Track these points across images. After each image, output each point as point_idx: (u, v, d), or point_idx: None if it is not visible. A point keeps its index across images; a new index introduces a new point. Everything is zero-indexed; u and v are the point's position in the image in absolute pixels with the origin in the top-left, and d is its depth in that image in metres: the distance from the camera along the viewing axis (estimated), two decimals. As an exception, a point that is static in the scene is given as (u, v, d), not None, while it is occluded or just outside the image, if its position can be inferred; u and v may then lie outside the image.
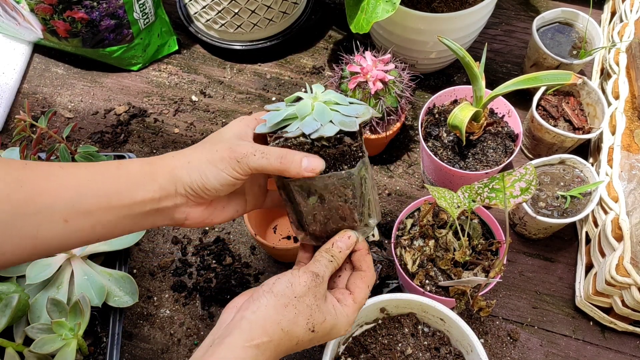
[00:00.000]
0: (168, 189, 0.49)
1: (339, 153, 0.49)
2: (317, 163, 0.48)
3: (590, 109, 0.85)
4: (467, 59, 0.70)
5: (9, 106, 0.98)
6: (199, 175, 0.49)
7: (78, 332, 0.66)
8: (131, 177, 0.48)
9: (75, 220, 0.45)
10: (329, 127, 0.49)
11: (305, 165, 0.48)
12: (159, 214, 0.50)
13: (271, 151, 0.49)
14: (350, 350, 0.67)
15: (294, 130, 0.49)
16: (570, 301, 0.79)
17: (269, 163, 0.48)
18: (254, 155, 0.48)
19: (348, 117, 0.50)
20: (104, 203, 0.46)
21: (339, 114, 0.50)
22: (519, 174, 0.62)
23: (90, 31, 0.93)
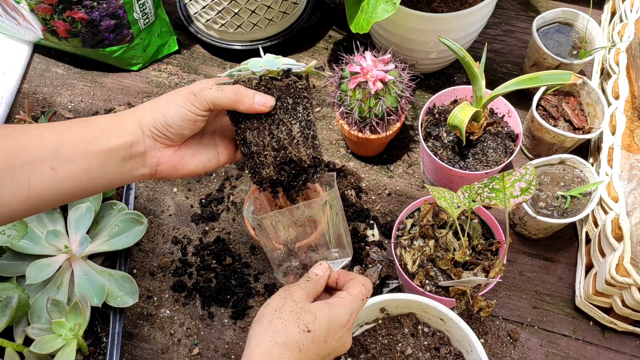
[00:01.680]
0: (136, 133, 0.53)
1: (284, 86, 0.56)
2: (268, 98, 0.54)
3: (590, 109, 0.85)
4: (467, 59, 0.70)
5: (9, 106, 0.98)
6: (161, 114, 0.53)
7: (78, 332, 0.66)
8: (102, 126, 0.53)
9: (61, 168, 0.50)
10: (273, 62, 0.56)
11: (258, 100, 0.54)
12: (133, 161, 0.54)
13: (226, 86, 0.54)
14: (350, 351, 0.67)
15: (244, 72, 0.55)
16: (570, 301, 0.79)
17: (224, 95, 0.53)
18: (210, 89, 0.53)
19: (295, 65, 0.57)
20: (82, 149, 0.51)
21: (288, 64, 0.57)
22: (519, 174, 0.62)
23: (90, 31, 0.93)
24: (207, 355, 0.76)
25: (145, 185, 0.90)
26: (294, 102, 0.56)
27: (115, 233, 0.76)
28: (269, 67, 0.55)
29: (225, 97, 0.53)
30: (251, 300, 0.80)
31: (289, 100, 0.56)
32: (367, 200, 0.88)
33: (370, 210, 0.87)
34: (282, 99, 0.56)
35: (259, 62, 0.56)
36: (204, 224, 0.86)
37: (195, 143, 0.58)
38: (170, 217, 0.87)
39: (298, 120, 0.57)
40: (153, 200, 0.89)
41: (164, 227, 0.86)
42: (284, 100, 0.56)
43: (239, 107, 0.54)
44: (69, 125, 0.52)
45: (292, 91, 0.56)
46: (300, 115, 0.57)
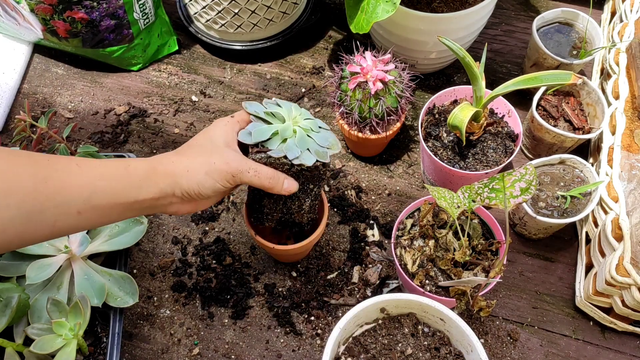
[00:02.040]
0: (167, 192, 0.56)
1: (310, 176, 0.63)
2: (294, 186, 0.61)
3: (590, 109, 0.85)
4: (467, 59, 0.70)
5: (9, 106, 0.98)
6: (197, 185, 0.56)
7: (78, 332, 0.66)
8: (136, 179, 0.54)
9: (86, 213, 0.52)
10: (308, 155, 0.60)
11: (286, 187, 0.60)
12: (154, 209, 0.57)
13: (262, 171, 0.58)
14: (350, 350, 0.67)
15: (276, 150, 0.59)
16: (570, 301, 0.79)
17: (260, 182, 0.58)
18: (248, 173, 0.57)
19: (322, 148, 0.62)
20: (112, 200, 0.53)
21: (314, 142, 0.62)
22: (519, 174, 0.62)
23: (90, 31, 0.93)
24: (207, 355, 0.76)
25: (145, 185, 0.90)
26: (313, 186, 0.64)
27: (115, 233, 0.76)
28: (305, 162, 0.60)
29: (259, 183, 0.58)
30: (251, 300, 0.80)
31: (310, 186, 0.64)
32: (367, 200, 0.88)
33: (370, 210, 0.87)
34: (305, 185, 0.63)
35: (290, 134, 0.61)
36: (204, 224, 0.86)
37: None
38: (170, 217, 0.87)
39: (310, 198, 0.65)
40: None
41: (164, 227, 0.86)
42: (306, 186, 0.64)
43: (268, 191, 0.60)
44: (105, 169, 0.53)
45: (316, 179, 0.64)
46: (314, 193, 0.65)
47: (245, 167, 0.57)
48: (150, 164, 0.56)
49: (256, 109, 0.62)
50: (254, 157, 0.59)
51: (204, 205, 0.61)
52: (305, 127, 0.62)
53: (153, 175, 0.55)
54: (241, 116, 0.62)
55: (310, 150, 0.61)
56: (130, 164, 0.55)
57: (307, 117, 0.64)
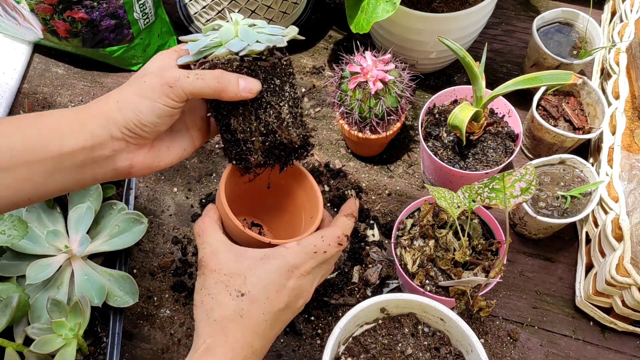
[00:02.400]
0: (101, 135, 0.46)
1: (270, 66, 0.50)
2: (254, 83, 0.48)
3: (590, 109, 0.85)
4: (467, 59, 0.70)
5: (9, 106, 0.98)
6: (132, 112, 0.45)
7: (78, 332, 0.66)
8: (54, 127, 0.44)
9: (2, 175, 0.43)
10: (258, 44, 0.49)
11: (243, 85, 0.47)
12: (97, 165, 0.47)
13: (205, 72, 0.47)
14: (350, 350, 0.67)
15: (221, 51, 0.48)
16: (571, 301, 0.79)
17: (206, 84, 0.46)
18: (188, 78, 0.46)
19: (274, 36, 0.51)
20: (24, 157, 0.43)
21: (264, 34, 0.51)
22: (519, 174, 0.62)
23: (90, 31, 0.93)
24: (207, 355, 0.76)
25: (145, 185, 0.90)
26: (281, 82, 0.51)
27: (115, 233, 0.76)
28: (252, 47, 0.49)
29: (207, 87, 0.46)
30: (251, 300, 0.80)
31: (276, 81, 0.51)
32: (367, 200, 0.88)
33: (370, 210, 0.87)
34: (269, 81, 0.50)
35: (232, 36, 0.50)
36: (204, 224, 0.86)
37: (168, 135, 0.52)
38: (170, 217, 0.87)
39: (286, 101, 0.52)
40: (153, 200, 0.89)
41: (164, 227, 0.86)
42: (271, 82, 0.51)
43: (223, 96, 0.48)
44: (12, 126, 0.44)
45: (279, 70, 0.51)
46: (288, 94, 0.52)
47: (184, 73, 0.46)
48: (73, 109, 0.47)
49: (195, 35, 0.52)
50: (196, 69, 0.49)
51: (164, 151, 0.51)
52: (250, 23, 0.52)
53: (77, 118, 0.45)
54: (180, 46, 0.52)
55: (260, 41, 0.50)
56: (43, 113, 0.46)
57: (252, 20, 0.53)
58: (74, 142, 0.44)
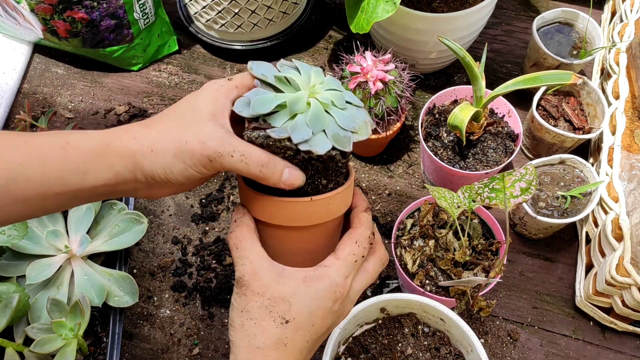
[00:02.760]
0: (126, 176, 0.43)
1: (323, 168, 0.44)
2: (297, 179, 0.42)
3: (590, 109, 0.85)
4: (468, 59, 0.70)
5: (9, 106, 0.98)
6: (162, 169, 0.42)
7: (78, 332, 0.66)
8: (79, 161, 0.41)
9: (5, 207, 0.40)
10: (321, 140, 0.43)
11: (286, 178, 0.42)
12: (116, 194, 0.45)
13: (252, 155, 0.41)
14: (350, 350, 0.67)
15: (280, 128, 0.42)
16: (571, 301, 0.79)
17: (248, 170, 0.41)
18: (232, 157, 0.41)
19: (343, 132, 0.44)
20: (41, 190, 0.40)
21: (334, 122, 0.44)
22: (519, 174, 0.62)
23: (90, 31, 0.93)
24: (207, 355, 0.76)
25: (145, 185, 0.90)
26: (327, 182, 0.45)
27: (115, 233, 0.76)
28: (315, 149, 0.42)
29: (247, 172, 0.42)
30: (251, 300, 0.80)
31: (322, 181, 0.45)
32: (367, 200, 0.88)
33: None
34: (315, 179, 0.45)
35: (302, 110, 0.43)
36: (204, 224, 0.86)
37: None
38: (170, 217, 0.87)
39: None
40: (153, 200, 0.89)
41: (164, 227, 0.86)
42: (316, 180, 0.45)
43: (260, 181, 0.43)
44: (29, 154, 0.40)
45: (330, 172, 0.45)
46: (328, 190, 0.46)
47: (229, 148, 0.41)
48: (103, 139, 0.42)
49: (265, 71, 0.45)
50: (249, 134, 0.43)
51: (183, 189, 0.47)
52: (324, 100, 0.45)
53: (105, 154, 0.42)
54: (242, 80, 0.45)
55: (326, 132, 0.43)
56: (71, 140, 0.41)
57: (332, 87, 0.47)
58: (97, 180, 0.42)
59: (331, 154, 0.43)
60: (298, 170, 0.43)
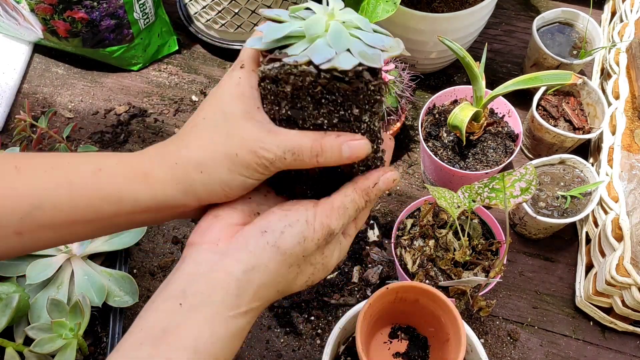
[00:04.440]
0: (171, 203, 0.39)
1: (352, 91, 0.38)
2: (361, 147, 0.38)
3: (590, 109, 0.85)
4: (468, 59, 0.70)
5: (9, 106, 0.98)
6: (219, 185, 0.38)
7: (78, 332, 0.66)
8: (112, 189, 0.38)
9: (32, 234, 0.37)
10: (346, 56, 0.37)
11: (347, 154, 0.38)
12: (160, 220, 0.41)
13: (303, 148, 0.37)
14: (350, 350, 0.67)
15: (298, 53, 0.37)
16: (571, 301, 0.79)
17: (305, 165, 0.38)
18: (285, 159, 0.38)
19: (371, 48, 0.38)
20: (70, 217, 0.38)
21: (360, 41, 0.38)
22: (519, 174, 0.62)
23: (90, 31, 0.93)
24: (207, 355, 0.76)
25: (145, 185, 0.90)
26: (359, 111, 0.39)
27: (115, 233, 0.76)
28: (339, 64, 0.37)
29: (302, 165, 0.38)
30: (251, 300, 0.80)
31: (354, 110, 0.39)
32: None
33: (370, 210, 0.87)
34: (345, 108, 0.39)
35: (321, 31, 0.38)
36: (204, 224, 0.86)
37: None
38: (170, 217, 0.87)
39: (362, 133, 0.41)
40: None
41: (164, 227, 0.86)
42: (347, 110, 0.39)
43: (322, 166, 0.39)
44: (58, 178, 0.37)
45: (362, 97, 0.39)
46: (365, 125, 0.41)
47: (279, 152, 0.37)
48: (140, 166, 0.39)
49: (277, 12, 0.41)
50: (262, 69, 0.39)
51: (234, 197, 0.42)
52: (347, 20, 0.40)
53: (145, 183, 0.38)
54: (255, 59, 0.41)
55: (351, 51, 0.38)
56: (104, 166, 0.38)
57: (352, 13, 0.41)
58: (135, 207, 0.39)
59: (358, 70, 0.37)
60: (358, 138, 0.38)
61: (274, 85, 0.38)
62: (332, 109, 0.38)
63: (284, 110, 0.39)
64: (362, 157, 0.39)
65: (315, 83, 0.37)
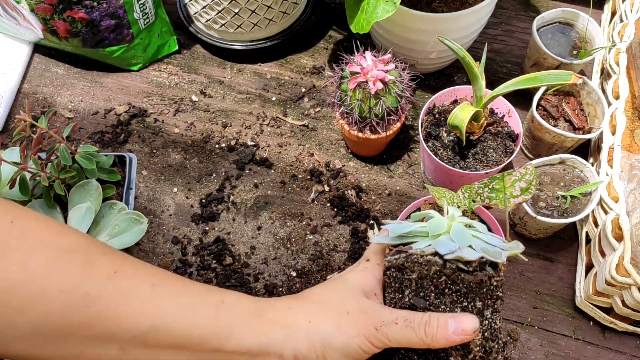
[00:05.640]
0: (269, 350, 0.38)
1: (475, 283, 0.39)
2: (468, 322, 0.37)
3: (590, 109, 0.85)
4: (468, 59, 0.70)
5: (9, 106, 0.98)
6: (320, 343, 0.38)
7: (78, 332, 0.66)
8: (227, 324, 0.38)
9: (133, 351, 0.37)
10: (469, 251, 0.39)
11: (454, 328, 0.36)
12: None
13: (416, 316, 0.37)
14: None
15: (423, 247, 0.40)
16: (571, 301, 0.79)
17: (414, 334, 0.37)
18: (396, 324, 0.37)
19: (492, 246, 0.41)
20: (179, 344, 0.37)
21: (481, 240, 0.41)
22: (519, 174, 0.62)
23: (90, 31, 0.93)
24: (207, 355, 0.76)
25: (145, 185, 0.90)
26: (482, 305, 0.40)
27: (115, 233, 0.76)
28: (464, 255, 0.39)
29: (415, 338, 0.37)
30: (251, 300, 0.80)
31: (477, 303, 0.40)
32: (367, 200, 0.88)
33: (370, 210, 0.87)
34: (469, 301, 0.40)
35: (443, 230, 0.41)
36: (204, 224, 0.86)
37: None
38: (170, 217, 0.87)
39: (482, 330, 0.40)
40: (153, 200, 0.89)
41: (164, 227, 0.86)
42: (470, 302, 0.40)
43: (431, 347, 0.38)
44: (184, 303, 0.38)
45: (485, 291, 0.40)
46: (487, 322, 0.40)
47: (391, 316, 0.37)
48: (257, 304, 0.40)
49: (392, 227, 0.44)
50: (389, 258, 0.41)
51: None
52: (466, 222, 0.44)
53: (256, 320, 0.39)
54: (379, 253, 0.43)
55: (473, 247, 0.40)
56: (227, 299, 0.39)
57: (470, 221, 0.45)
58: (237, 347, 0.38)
59: (482, 262, 0.39)
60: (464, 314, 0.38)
61: (400, 273, 0.40)
62: (455, 300, 0.39)
63: (407, 299, 0.40)
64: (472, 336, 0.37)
65: (440, 273, 0.39)
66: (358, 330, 0.37)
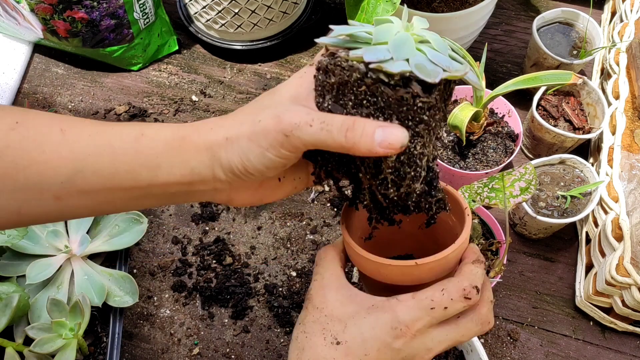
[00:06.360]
0: (203, 173, 0.38)
1: (395, 99, 0.35)
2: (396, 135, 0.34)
3: (590, 109, 0.85)
4: (468, 59, 0.70)
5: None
6: (238, 157, 0.37)
7: (78, 332, 0.66)
8: (151, 155, 0.38)
9: (70, 199, 0.38)
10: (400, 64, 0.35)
11: (380, 139, 0.34)
12: (192, 196, 0.40)
13: (335, 120, 0.35)
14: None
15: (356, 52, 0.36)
16: (571, 301, 0.79)
17: (332, 138, 0.35)
18: (310, 127, 0.35)
19: (432, 64, 0.36)
20: (109, 183, 0.38)
21: (424, 56, 0.36)
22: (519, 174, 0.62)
23: (90, 31, 0.93)
24: (207, 355, 0.76)
25: (145, 185, 0.90)
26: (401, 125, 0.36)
27: (115, 233, 0.76)
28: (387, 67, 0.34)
29: (331, 141, 0.35)
30: (251, 300, 0.80)
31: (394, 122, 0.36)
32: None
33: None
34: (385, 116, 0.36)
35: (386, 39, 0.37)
36: (204, 223, 0.86)
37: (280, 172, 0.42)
38: (170, 217, 0.87)
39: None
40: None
41: (164, 227, 0.86)
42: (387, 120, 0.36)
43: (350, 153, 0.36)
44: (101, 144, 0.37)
45: (405, 110, 0.36)
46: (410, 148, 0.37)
47: (306, 118, 0.35)
48: (179, 132, 0.38)
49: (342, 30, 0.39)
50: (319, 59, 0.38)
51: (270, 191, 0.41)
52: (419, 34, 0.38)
53: (180, 148, 0.38)
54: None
55: (409, 61, 0.35)
56: (146, 131, 0.38)
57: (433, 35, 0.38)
58: (170, 176, 0.38)
59: (405, 77, 0.35)
60: (394, 125, 0.35)
61: (325, 76, 0.38)
62: (372, 113, 0.36)
63: (327, 104, 0.38)
64: (397, 150, 0.35)
65: (361, 82, 0.36)
66: (269, 141, 0.36)
